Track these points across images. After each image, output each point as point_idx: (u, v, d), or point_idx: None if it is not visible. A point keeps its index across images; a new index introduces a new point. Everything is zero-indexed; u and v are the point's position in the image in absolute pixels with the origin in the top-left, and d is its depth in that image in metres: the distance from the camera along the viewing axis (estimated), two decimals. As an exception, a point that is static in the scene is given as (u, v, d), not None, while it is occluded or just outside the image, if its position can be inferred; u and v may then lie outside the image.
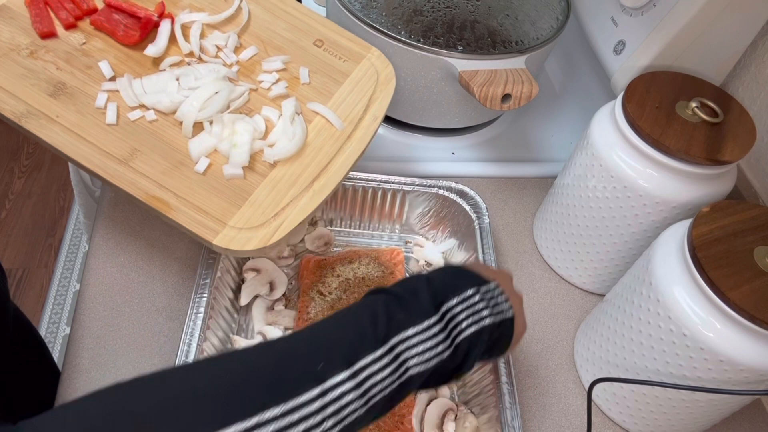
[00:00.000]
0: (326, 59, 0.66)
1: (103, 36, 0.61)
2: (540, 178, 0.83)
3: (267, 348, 0.38)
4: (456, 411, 0.59)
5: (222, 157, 0.57)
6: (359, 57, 0.67)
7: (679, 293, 0.51)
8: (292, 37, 0.67)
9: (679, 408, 0.55)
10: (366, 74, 0.66)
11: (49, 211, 1.88)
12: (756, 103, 0.73)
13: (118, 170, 0.54)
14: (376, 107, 0.64)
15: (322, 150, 0.60)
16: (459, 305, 0.44)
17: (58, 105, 0.55)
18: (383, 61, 0.67)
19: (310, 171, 0.58)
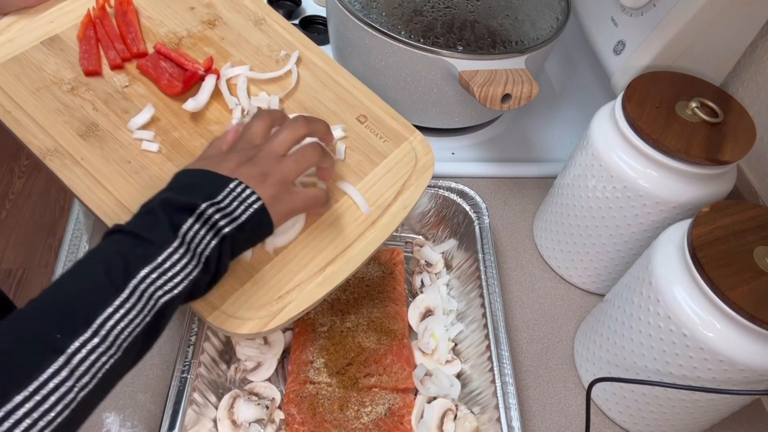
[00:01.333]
0: (366, 137, 0.63)
1: (147, 81, 0.60)
2: (540, 178, 0.83)
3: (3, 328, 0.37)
4: (456, 411, 0.59)
5: None
6: (401, 139, 0.63)
7: (679, 293, 0.51)
8: (336, 109, 0.64)
9: (679, 408, 0.55)
10: (404, 159, 0.62)
11: (49, 211, 1.88)
12: (756, 103, 0.73)
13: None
14: (407, 195, 0.59)
15: (343, 233, 0.55)
16: (195, 224, 0.44)
17: (86, 147, 0.54)
18: (425, 147, 0.63)
19: (326, 254, 0.54)
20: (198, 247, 0.44)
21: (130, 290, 0.40)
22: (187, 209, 0.44)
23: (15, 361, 0.35)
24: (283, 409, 0.58)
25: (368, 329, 0.63)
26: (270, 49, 0.65)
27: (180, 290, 0.42)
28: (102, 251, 0.42)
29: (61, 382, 0.35)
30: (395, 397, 0.59)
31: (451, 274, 0.70)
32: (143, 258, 0.41)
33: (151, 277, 0.41)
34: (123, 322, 0.39)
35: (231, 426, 0.56)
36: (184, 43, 0.63)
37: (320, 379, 0.59)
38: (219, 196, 0.45)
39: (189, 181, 0.47)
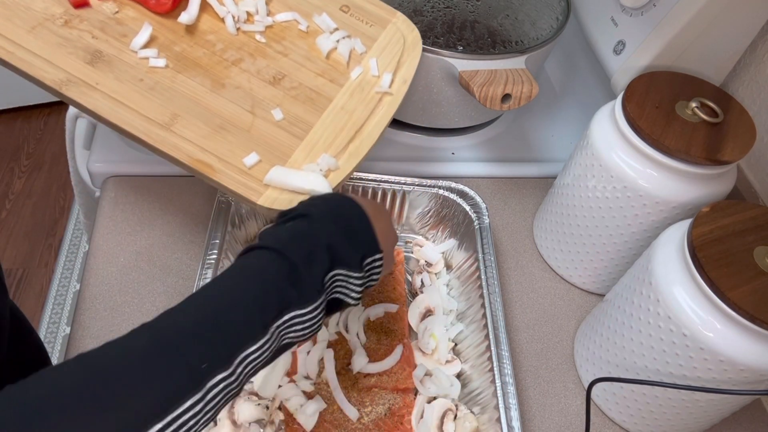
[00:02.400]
0: (353, 24, 0.66)
1: (135, 5, 0.61)
2: (540, 178, 0.83)
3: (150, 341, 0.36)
4: (456, 411, 0.59)
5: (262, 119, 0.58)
6: (385, 22, 0.67)
7: (679, 293, 0.51)
8: (319, 3, 0.67)
9: (679, 408, 0.55)
10: (393, 38, 0.66)
11: (49, 211, 1.88)
12: (756, 103, 0.73)
13: (161, 135, 0.54)
14: (404, 70, 0.64)
15: (355, 113, 0.60)
16: (340, 277, 0.45)
17: (97, 73, 0.56)
18: (409, 26, 0.68)
19: (345, 133, 0.59)
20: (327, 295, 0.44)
21: (272, 332, 0.40)
22: (346, 263, 0.44)
23: (161, 385, 0.35)
24: (282, 409, 0.58)
25: (368, 329, 0.63)
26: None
27: (303, 337, 0.43)
28: (262, 275, 0.41)
29: (194, 414, 0.35)
30: (395, 397, 0.59)
31: (451, 274, 0.70)
32: (295, 303, 0.41)
33: (290, 323, 0.41)
34: (257, 361, 0.39)
35: (231, 426, 0.56)
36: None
37: (320, 379, 0.59)
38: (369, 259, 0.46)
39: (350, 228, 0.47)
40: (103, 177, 0.76)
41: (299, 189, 0.54)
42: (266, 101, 0.59)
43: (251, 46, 0.62)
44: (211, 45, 0.61)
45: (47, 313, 1.67)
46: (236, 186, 0.54)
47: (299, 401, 0.57)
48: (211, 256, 0.62)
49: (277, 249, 0.42)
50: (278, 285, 0.41)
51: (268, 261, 0.42)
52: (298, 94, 0.60)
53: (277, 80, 0.61)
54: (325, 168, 0.56)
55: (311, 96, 0.61)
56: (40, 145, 2.03)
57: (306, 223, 0.45)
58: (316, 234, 0.44)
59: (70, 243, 1.82)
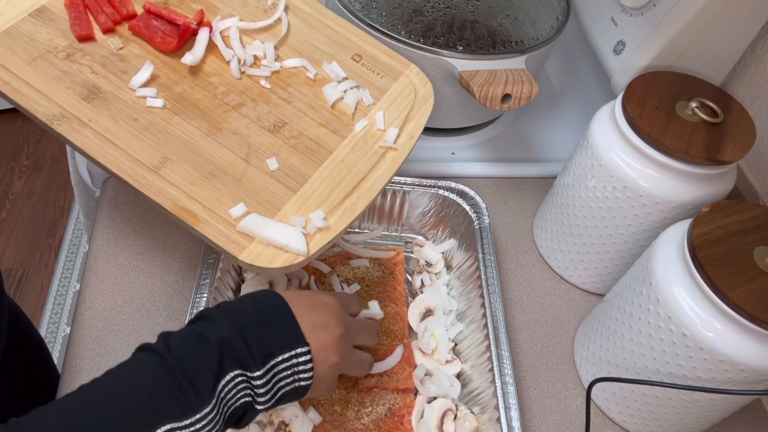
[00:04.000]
0: (364, 74, 0.64)
1: (141, 42, 0.60)
2: (540, 178, 0.83)
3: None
4: (456, 411, 0.59)
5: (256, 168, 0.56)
6: (397, 73, 0.65)
7: (679, 293, 0.51)
8: (330, 51, 0.65)
9: (679, 408, 0.55)
10: (404, 91, 0.64)
11: (49, 211, 1.88)
12: (756, 103, 0.73)
13: (147, 178, 0.53)
14: (412, 126, 0.62)
15: (355, 167, 0.58)
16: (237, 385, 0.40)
17: (92, 109, 0.55)
18: (422, 79, 0.65)
19: (342, 188, 0.56)
20: (227, 409, 0.40)
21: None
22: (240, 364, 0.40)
23: None
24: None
25: (368, 329, 0.63)
26: (257, 0, 0.66)
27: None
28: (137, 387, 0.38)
29: None
30: (395, 397, 0.59)
31: (451, 274, 0.70)
32: (170, 417, 0.37)
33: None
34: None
35: (231, 426, 0.56)
36: (171, 2, 0.63)
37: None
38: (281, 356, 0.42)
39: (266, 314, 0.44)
40: (103, 177, 0.76)
41: (273, 242, 0.51)
42: (263, 149, 0.57)
43: (254, 90, 0.61)
44: (213, 87, 0.60)
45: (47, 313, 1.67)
46: (219, 238, 0.51)
47: (294, 412, 0.56)
48: (211, 257, 0.62)
49: (162, 354, 0.39)
50: (154, 396, 0.37)
51: (150, 367, 0.39)
52: (297, 144, 0.58)
53: (277, 128, 0.59)
54: (312, 227, 0.53)
55: (311, 146, 0.58)
56: (40, 145, 2.03)
57: (205, 322, 0.42)
58: (208, 333, 0.41)
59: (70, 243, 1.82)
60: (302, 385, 0.44)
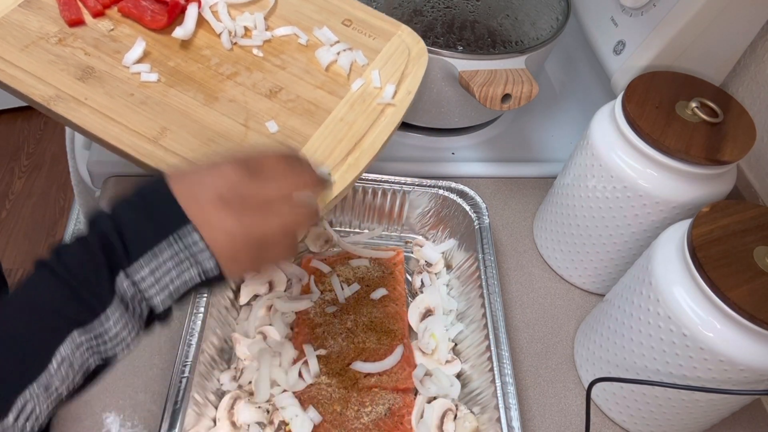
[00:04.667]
0: (356, 37, 0.66)
1: (131, 22, 0.61)
2: (540, 178, 0.83)
3: None
4: (456, 411, 0.59)
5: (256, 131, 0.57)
6: (389, 34, 0.67)
7: (679, 293, 0.51)
8: (320, 17, 0.67)
9: (679, 408, 0.55)
10: (397, 50, 0.66)
11: (49, 211, 1.87)
12: (756, 103, 0.73)
13: (147, 149, 0.54)
14: (408, 81, 0.63)
15: (355, 124, 0.59)
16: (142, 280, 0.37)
17: (87, 88, 0.56)
18: (414, 38, 0.67)
19: (344, 145, 0.57)
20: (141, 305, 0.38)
21: (58, 362, 0.35)
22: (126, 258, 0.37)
23: None
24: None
25: (368, 329, 0.63)
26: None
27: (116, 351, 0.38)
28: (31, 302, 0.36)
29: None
30: (395, 397, 0.59)
31: (451, 274, 0.70)
32: (77, 323, 0.36)
33: (87, 342, 0.36)
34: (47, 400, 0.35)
35: (230, 427, 0.56)
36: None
37: (320, 379, 0.59)
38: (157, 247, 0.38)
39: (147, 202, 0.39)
40: (103, 177, 0.76)
41: None
42: (261, 114, 0.58)
43: (248, 60, 0.62)
44: (206, 59, 0.61)
45: (47, 313, 1.67)
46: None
47: (294, 411, 0.56)
48: (211, 256, 0.62)
49: (53, 268, 0.37)
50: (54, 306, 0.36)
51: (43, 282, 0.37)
52: (295, 107, 0.59)
53: (273, 93, 0.60)
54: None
55: (309, 108, 0.60)
56: (40, 145, 2.02)
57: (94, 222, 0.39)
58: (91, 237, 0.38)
59: (70, 243, 1.81)
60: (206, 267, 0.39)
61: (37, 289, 0.37)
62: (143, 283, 0.38)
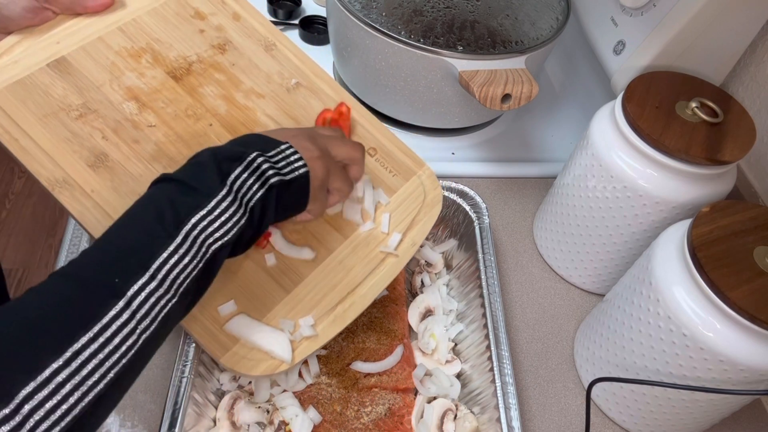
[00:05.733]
0: (376, 170, 0.63)
1: (156, 110, 0.57)
2: (540, 178, 0.83)
3: (61, 277, 0.38)
4: (456, 411, 0.59)
5: (253, 261, 0.54)
6: (410, 173, 0.63)
7: (679, 293, 0.51)
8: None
9: (679, 408, 0.55)
10: (413, 194, 0.62)
11: (49, 211, 1.87)
12: (756, 103, 0.73)
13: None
14: (415, 232, 0.60)
15: (353, 270, 0.56)
16: (244, 172, 0.46)
17: (96, 179, 0.52)
18: (433, 182, 0.64)
19: (336, 293, 0.55)
20: (245, 196, 0.45)
21: (183, 236, 0.41)
22: (236, 158, 0.46)
23: (78, 306, 0.36)
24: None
25: (368, 329, 0.63)
26: (281, 77, 0.63)
27: (229, 238, 0.44)
28: (152, 198, 0.43)
29: (123, 324, 0.37)
30: (395, 397, 0.59)
31: (451, 274, 0.70)
32: (193, 206, 0.43)
33: (202, 225, 0.42)
34: (178, 266, 0.40)
35: (230, 427, 0.56)
36: (194, 69, 0.61)
37: (320, 379, 0.59)
38: (270, 152, 0.48)
39: (241, 140, 0.50)
40: (103, 177, 0.75)
41: (258, 346, 0.50)
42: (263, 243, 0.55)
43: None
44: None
45: (47, 313, 1.67)
46: (203, 336, 0.50)
47: (294, 411, 0.56)
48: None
49: (162, 178, 0.45)
50: (170, 196, 0.43)
51: (157, 188, 0.44)
52: (298, 239, 0.56)
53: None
54: (299, 335, 0.52)
55: (311, 243, 0.57)
56: (40, 145, 2.02)
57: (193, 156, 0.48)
58: (198, 156, 0.47)
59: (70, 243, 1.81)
60: (301, 173, 0.49)
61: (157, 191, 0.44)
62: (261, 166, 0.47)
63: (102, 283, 0.37)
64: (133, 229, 0.41)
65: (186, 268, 0.41)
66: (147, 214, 0.42)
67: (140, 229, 0.41)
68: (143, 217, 0.42)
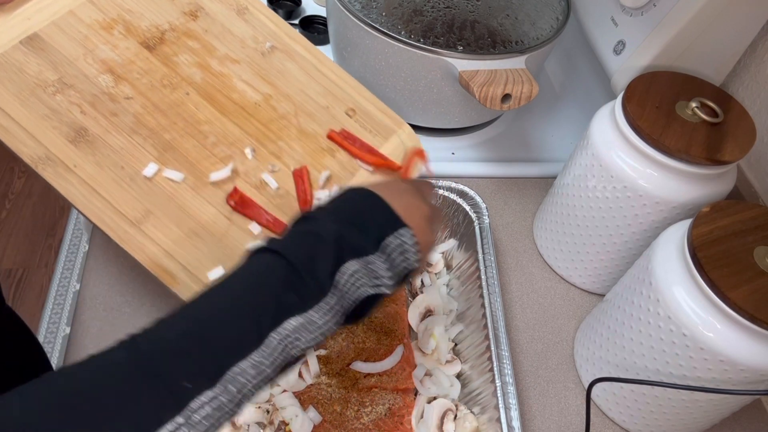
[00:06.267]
0: (356, 131, 0.63)
1: (132, 82, 0.57)
2: (540, 178, 0.83)
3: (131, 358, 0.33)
4: (456, 411, 0.59)
5: (238, 227, 0.55)
6: (390, 132, 0.64)
7: (679, 293, 0.51)
8: (325, 103, 0.63)
9: (679, 408, 0.55)
10: (393, 152, 0.63)
11: (49, 211, 1.87)
12: (756, 103, 0.73)
13: (128, 232, 0.51)
14: None
15: None
16: (358, 269, 0.40)
17: (78, 153, 0.53)
18: (413, 139, 0.64)
19: None
20: (350, 295, 0.40)
21: (271, 342, 0.37)
22: (356, 252, 0.40)
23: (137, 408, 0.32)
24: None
25: (368, 329, 0.63)
26: (255, 41, 0.64)
27: (312, 343, 0.39)
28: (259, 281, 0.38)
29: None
30: (395, 397, 0.59)
31: (451, 274, 0.70)
32: (295, 308, 0.38)
33: (296, 334, 0.38)
34: (254, 377, 0.36)
35: (230, 427, 0.56)
36: (167, 37, 0.61)
37: (320, 379, 0.59)
38: (390, 235, 0.42)
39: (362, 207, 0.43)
40: (103, 177, 0.76)
41: None
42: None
43: (244, 143, 0.58)
44: (203, 137, 0.57)
45: (47, 313, 1.67)
46: None
47: (294, 411, 0.56)
48: (211, 256, 0.62)
49: (276, 251, 0.39)
50: (275, 289, 0.38)
51: (265, 264, 0.39)
52: (281, 204, 0.56)
53: (263, 185, 0.57)
54: None
55: (295, 206, 0.57)
56: (40, 145, 2.02)
57: (311, 222, 0.42)
58: (319, 230, 0.41)
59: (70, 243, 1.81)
60: (413, 264, 0.43)
61: (264, 271, 0.39)
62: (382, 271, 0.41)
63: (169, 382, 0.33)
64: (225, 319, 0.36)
65: (261, 377, 0.36)
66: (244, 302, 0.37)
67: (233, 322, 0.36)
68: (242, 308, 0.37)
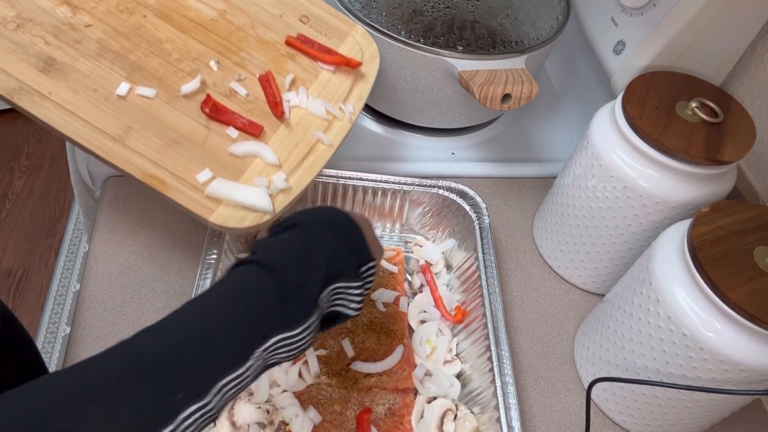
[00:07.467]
0: (312, 37, 0.67)
1: (89, 9, 0.59)
2: (540, 178, 0.83)
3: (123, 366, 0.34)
4: (456, 411, 0.59)
5: (216, 134, 0.57)
6: (344, 34, 0.68)
7: (679, 293, 0.51)
8: (278, 12, 0.66)
9: (679, 408, 0.55)
10: (350, 53, 0.67)
11: (49, 211, 1.87)
12: (756, 103, 0.73)
13: (113, 148, 0.53)
14: (361, 86, 0.64)
15: (311, 127, 0.61)
16: (339, 290, 0.44)
17: (50, 81, 0.54)
18: (367, 39, 0.68)
19: (300, 149, 0.59)
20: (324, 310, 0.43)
21: (256, 356, 0.38)
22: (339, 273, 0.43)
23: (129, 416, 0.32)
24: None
25: (368, 329, 0.63)
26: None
27: (294, 356, 0.41)
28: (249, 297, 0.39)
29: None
30: (395, 397, 0.59)
31: (451, 274, 0.70)
32: (282, 326, 0.39)
33: (278, 345, 0.39)
34: (236, 387, 0.37)
35: (230, 427, 0.56)
36: None
37: (320, 380, 0.59)
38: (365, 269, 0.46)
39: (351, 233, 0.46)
40: (103, 177, 0.76)
41: (241, 203, 0.54)
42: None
43: (207, 56, 0.61)
44: (168, 54, 0.60)
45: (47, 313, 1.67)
46: (189, 203, 0.53)
47: (294, 411, 0.56)
48: (211, 256, 0.62)
49: (268, 265, 0.40)
50: (266, 308, 0.39)
51: (257, 280, 0.40)
52: (253, 108, 0.59)
53: (233, 93, 0.60)
54: (275, 188, 0.55)
55: (266, 110, 0.60)
56: (40, 145, 2.02)
57: (302, 234, 0.44)
58: (312, 246, 0.43)
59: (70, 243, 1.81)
60: (369, 290, 0.47)
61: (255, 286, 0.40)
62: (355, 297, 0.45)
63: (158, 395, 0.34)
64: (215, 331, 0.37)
65: (240, 386, 0.38)
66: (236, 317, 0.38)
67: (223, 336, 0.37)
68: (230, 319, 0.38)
